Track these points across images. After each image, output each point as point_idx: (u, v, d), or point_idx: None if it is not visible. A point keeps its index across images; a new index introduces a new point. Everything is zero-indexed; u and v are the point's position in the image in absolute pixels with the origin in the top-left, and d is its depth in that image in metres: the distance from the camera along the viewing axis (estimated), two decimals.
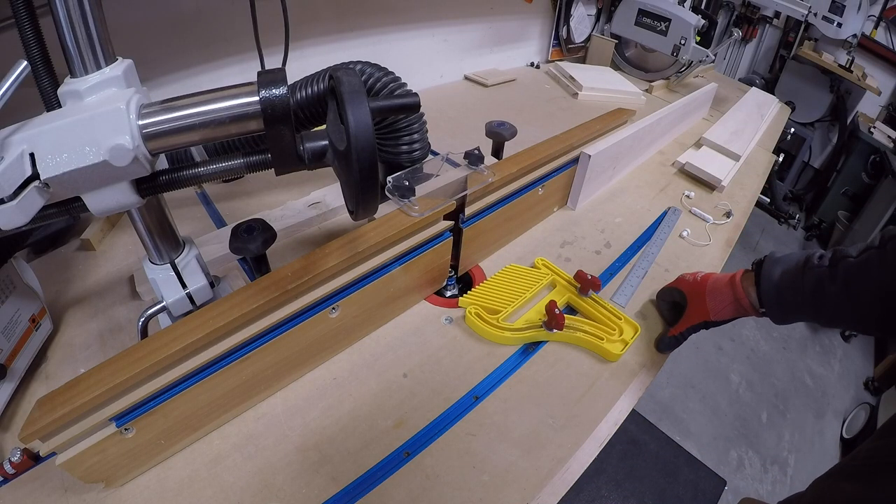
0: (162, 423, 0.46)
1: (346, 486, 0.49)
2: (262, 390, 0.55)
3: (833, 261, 0.54)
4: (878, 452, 0.48)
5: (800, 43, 3.00)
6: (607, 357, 0.65)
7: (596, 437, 0.56)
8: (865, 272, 0.50)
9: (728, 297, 0.61)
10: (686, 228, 0.94)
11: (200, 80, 0.99)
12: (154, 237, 0.49)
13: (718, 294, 0.62)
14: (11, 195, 0.33)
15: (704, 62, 1.63)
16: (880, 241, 0.51)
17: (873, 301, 0.50)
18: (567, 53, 1.86)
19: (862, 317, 0.52)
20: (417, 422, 0.55)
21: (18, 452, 0.47)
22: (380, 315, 0.65)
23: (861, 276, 0.51)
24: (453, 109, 1.34)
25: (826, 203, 2.99)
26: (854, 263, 0.52)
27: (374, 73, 0.67)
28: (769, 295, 0.58)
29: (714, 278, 0.64)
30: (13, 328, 0.53)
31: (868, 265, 0.50)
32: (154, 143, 0.38)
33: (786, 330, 2.34)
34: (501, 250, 0.83)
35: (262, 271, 0.56)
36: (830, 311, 0.54)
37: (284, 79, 0.39)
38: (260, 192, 0.91)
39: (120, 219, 0.82)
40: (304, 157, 0.44)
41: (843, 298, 0.52)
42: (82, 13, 0.36)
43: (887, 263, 0.49)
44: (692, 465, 1.63)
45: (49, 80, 0.38)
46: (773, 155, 1.37)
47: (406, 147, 0.72)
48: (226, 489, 0.48)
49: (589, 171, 0.89)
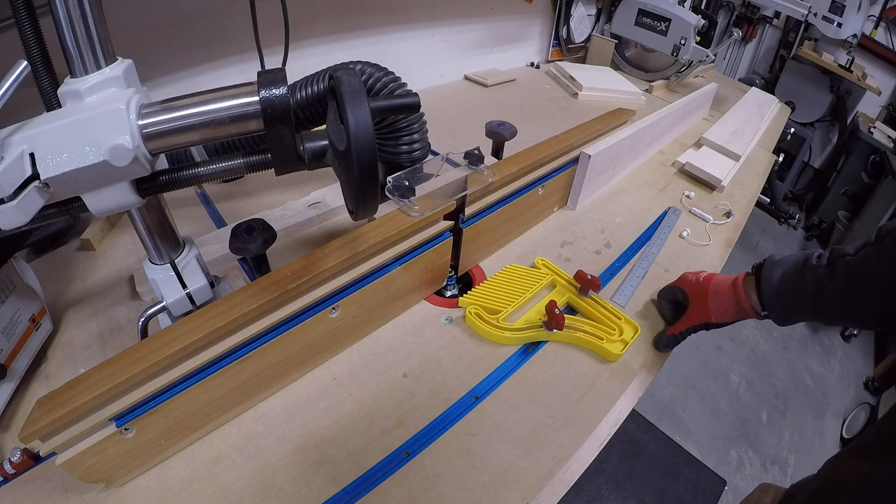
0: (162, 423, 0.46)
1: (346, 486, 0.49)
2: (262, 390, 0.55)
3: (831, 260, 0.54)
4: (891, 429, 0.48)
5: (800, 43, 3.00)
6: (607, 357, 0.65)
7: (596, 437, 0.56)
8: (864, 269, 0.50)
9: (730, 300, 0.62)
10: (686, 228, 0.94)
11: (200, 80, 0.99)
12: (154, 237, 0.49)
13: (720, 297, 0.63)
14: (11, 195, 0.33)
15: (704, 62, 1.64)
16: (876, 237, 0.51)
17: (873, 298, 0.50)
18: (567, 53, 1.86)
19: (862, 314, 0.52)
20: (417, 422, 0.55)
21: (18, 452, 0.47)
22: (380, 315, 0.65)
23: (859, 274, 0.51)
24: (453, 109, 1.34)
25: (826, 203, 2.99)
26: (852, 261, 0.52)
27: (374, 73, 0.67)
28: (770, 298, 0.58)
29: (716, 280, 0.64)
30: (13, 328, 0.53)
31: (866, 262, 0.50)
32: (154, 143, 0.38)
33: (786, 330, 2.34)
34: (501, 250, 0.83)
35: (262, 271, 0.56)
36: (831, 311, 0.54)
37: (284, 79, 0.39)
38: (260, 192, 0.91)
39: (120, 219, 0.82)
40: (304, 157, 0.44)
41: (843, 297, 0.52)
42: (82, 13, 0.36)
43: (884, 259, 0.49)
44: (692, 465, 1.63)
45: (49, 80, 0.38)
46: (773, 155, 1.37)
47: (406, 147, 0.72)
48: (226, 489, 0.48)
49: (589, 171, 0.89)
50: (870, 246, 0.51)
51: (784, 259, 0.59)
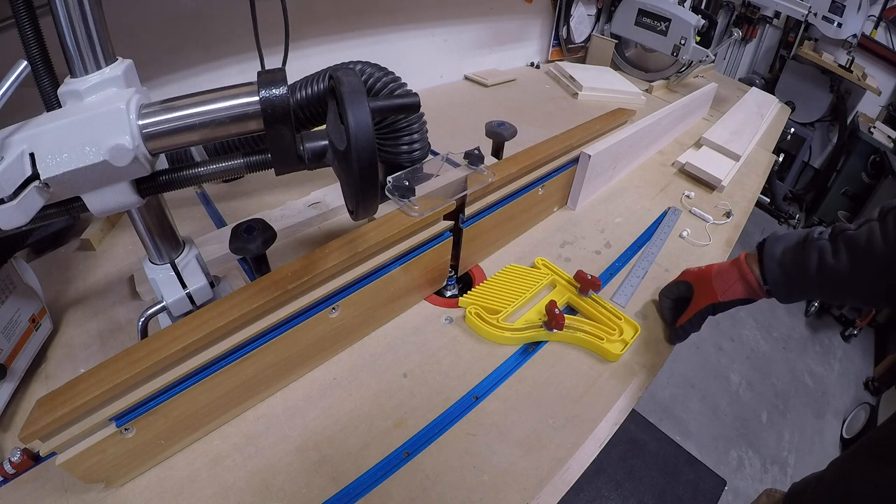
0: (162, 423, 0.46)
1: (346, 486, 0.49)
2: (262, 390, 0.55)
3: (833, 235, 0.54)
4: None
5: (800, 43, 3.00)
6: (607, 357, 0.65)
7: (596, 437, 0.56)
8: (865, 243, 0.51)
9: (734, 275, 0.62)
10: (686, 228, 0.94)
11: (200, 80, 0.99)
12: (154, 237, 0.49)
13: (724, 274, 0.63)
14: (11, 195, 0.33)
15: (704, 62, 1.64)
16: (879, 213, 0.51)
17: (875, 274, 0.50)
18: (567, 53, 1.86)
19: (864, 289, 0.52)
20: (417, 422, 0.55)
21: (18, 452, 0.47)
22: (380, 315, 0.65)
23: (861, 248, 0.51)
24: (453, 109, 1.34)
25: (826, 203, 2.99)
26: (853, 235, 0.52)
27: (374, 73, 0.67)
28: (773, 272, 0.58)
29: (719, 264, 0.66)
30: (13, 328, 0.53)
31: (869, 237, 0.50)
32: (154, 143, 0.38)
33: (786, 330, 2.34)
34: (501, 250, 0.83)
35: (262, 271, 0.56)
36: (833, 284, 0.54)
37: (284, 79, 0.39)
38: (260, 192, 0.91)
39: (120, 219, 0.82)
40: (304, 157, 0.44)
41: (846, 270, 0.52)
42: (82, 13, 0.36)
43: (888, 236, 0.49)
44: (692, 465, 1.63)
45: (49, 80, 0.39)
46: (773, 155, 1.37)
47: (406, 147, 0.72)
48: (226, 489, 0.48)
49: (589, 171, 0.89)
50: (872, 221, 0.51)
51: (787, 234, 0.59)
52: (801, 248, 0.56)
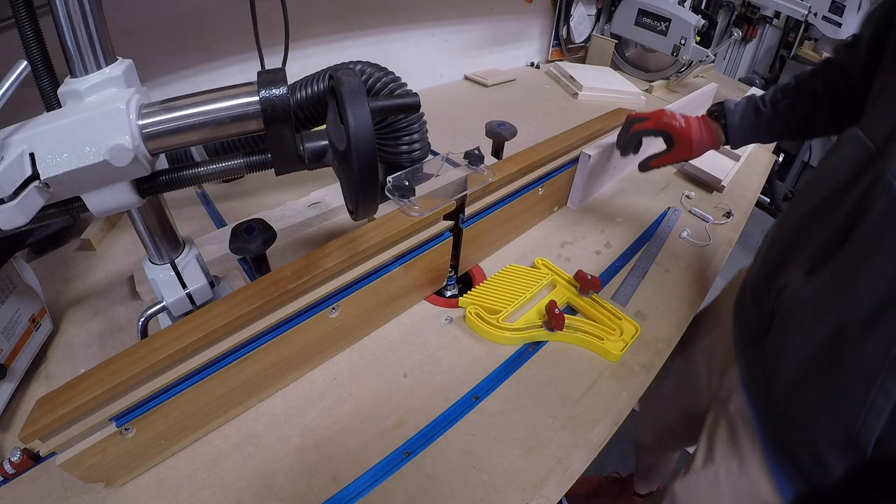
0: (162, 424, 0.46)
1: (346, 486, 0.49)
2: (262, 390, 0.55)
3: (773, 102, 0.72)
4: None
5: (800, 43, 3.00)
6: (607, 357, 0.65)
7: (596, 437, 0.56)
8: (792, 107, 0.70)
9: (708, 140, 0.77)
10: (686, 228, 0.94)
11: (200, 80, 0.99)
12: (154, 237, 0.49)
13: (703, 142, 0.77)
14: (11, 195, 0.33)
15: (704, 62, 1.63)
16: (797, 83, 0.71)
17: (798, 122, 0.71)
18: (567, 53, 1.86)
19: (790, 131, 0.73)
20: (417, 422, 0.55)
21: (18, 452, 0.47)
22: (380, 315, 0.65)
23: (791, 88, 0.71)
24: (453, 109, 1.34)
25: None
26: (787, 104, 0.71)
27: (374, 73, 0.67)
28: (734, 127, 0.74)
29: (694, 128, 0.76)
30: (13, 328, 0.53)
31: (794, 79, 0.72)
32: (154, 143, 0.38)
33: None
34: (501, 250, 0.83)
35: (262, 271, 0.56)
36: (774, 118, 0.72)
37: (284, 79, 0.39)
38: (260, 192, 0.91)
39: (120, 219, 0.82)
40: (304, 157, 0.44)
41: (787, 105, 0.70)
42: (82, 13, 0.36)
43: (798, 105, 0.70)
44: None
45: (49, 80, 0.39)
46: (773, 155, 1.37)
47: (406, 147, 0.72)
48: (226, 489, 0.48)
49: (589, 171, 0.89)
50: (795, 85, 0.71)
51: (737, 104, 0.75)
52: (749, 101, 0.74)
